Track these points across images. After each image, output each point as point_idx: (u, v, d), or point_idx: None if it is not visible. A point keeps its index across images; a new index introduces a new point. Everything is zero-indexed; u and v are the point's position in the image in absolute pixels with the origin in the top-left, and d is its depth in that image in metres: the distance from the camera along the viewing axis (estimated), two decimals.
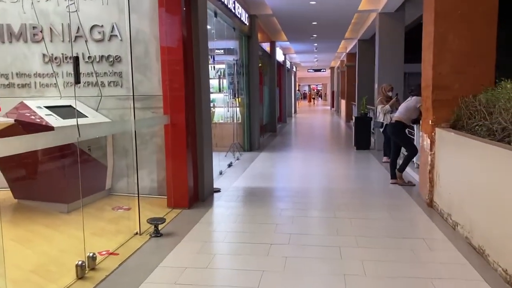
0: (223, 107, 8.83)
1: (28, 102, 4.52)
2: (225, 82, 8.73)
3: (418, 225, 4.53)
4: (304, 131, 15.91)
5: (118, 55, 5.33)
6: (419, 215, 4.78)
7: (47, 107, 4.74)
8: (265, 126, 14.23)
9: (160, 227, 4.19)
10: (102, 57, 5.34)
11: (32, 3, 5.25)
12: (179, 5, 4.88)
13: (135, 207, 4.42)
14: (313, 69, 30.86)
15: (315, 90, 57.62)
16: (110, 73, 5.37)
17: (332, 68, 31.50)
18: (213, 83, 8.51)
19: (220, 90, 8.59)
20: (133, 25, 5.23)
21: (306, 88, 62.01)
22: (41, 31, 5.30)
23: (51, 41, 5.32)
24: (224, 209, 5.11)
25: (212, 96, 8.94)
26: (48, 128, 4.30)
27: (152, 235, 4.09)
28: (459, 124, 4.72)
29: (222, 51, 9.36)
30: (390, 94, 7.80)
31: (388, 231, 4.18)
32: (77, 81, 3.36)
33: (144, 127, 5.27)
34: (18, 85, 5.40)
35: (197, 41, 5.26)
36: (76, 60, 3.29)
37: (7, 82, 5.40)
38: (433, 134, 4.93)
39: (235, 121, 9.42)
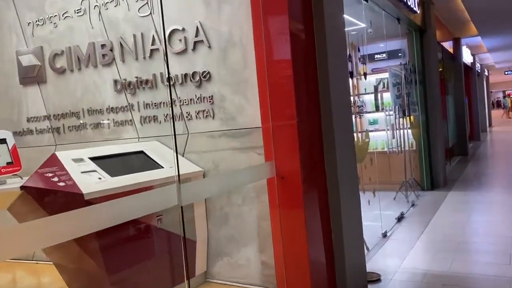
0: (386, 130, 6.17)
1: (60, 154, 2.97)
2: (387, 96, 6.17)
3: None
4: (510, 152, 11.75)
5: (207, 71, 3.48)
6: None
7: (103, 158, 3.16)
8: (452, 149, 10.85)
9: None
10: (185, 76, 3.58)
11: (99, 12, 3.85)
12: None
13: None
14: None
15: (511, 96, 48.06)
16: (198, 99, 3.56)
17: None
18: (367, 99, 6.06)
19: (378, 109, 6.07)
20: (224, 23, 3.37)
21: (500, 95, 52.69)
22: (111, 50, 3.84)
23: (122, 61, 3.81)
24: None
25: (368, 117, 6.52)
26: (75, 196, 2.65)
27: None
28: None
29: (383, 55, 6.86)
30: None
31: None
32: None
33: (214, 194, 3.23)
34: (90, 125, 4.04)
35: (323, 43, 3.08)
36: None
37: (78, 122, 4.10)
38: None
39: (406, 149, 6.72)
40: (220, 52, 3.43)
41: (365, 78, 4.53)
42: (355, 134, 4.37)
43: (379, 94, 6.04)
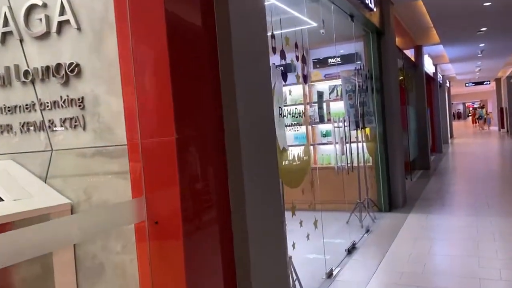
0: (335, 144, 5.30)
1: None
2: (334, 106, 5.34)
3: None
4: (473, 166, 11.23)
5: (75, 63, 2.48)
6: None
7: None
8: (413, 162, 10.23)
9: None
10: (47, 69, 2.57)
11: None
12: None
13: None
14: (472, 83, 24.90)
15: (471, 108, 49.43)
16: (64, 102, 2.55)
17: (497, 80, 25.14)
18: (311, 108, 5.21)
19: (323, 120, 5.22)
20: None
21: (461, 107, 54.14)
22: None
23: None
24: None
25: (320, 128, 5.69)
26: None
27: None
28: None
29: (337, 59, 6.06)
30: None
31: None
32: None
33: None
34: None
35: (226, 32, 2.17)
36: None
37: None
38: None
39: (361, 165, 5.92)
40: (94, 37, 2.44)
41: (305, 82, 3.65)
42: (293, 151, 3.48)
43: (324, 103, 5.20)
